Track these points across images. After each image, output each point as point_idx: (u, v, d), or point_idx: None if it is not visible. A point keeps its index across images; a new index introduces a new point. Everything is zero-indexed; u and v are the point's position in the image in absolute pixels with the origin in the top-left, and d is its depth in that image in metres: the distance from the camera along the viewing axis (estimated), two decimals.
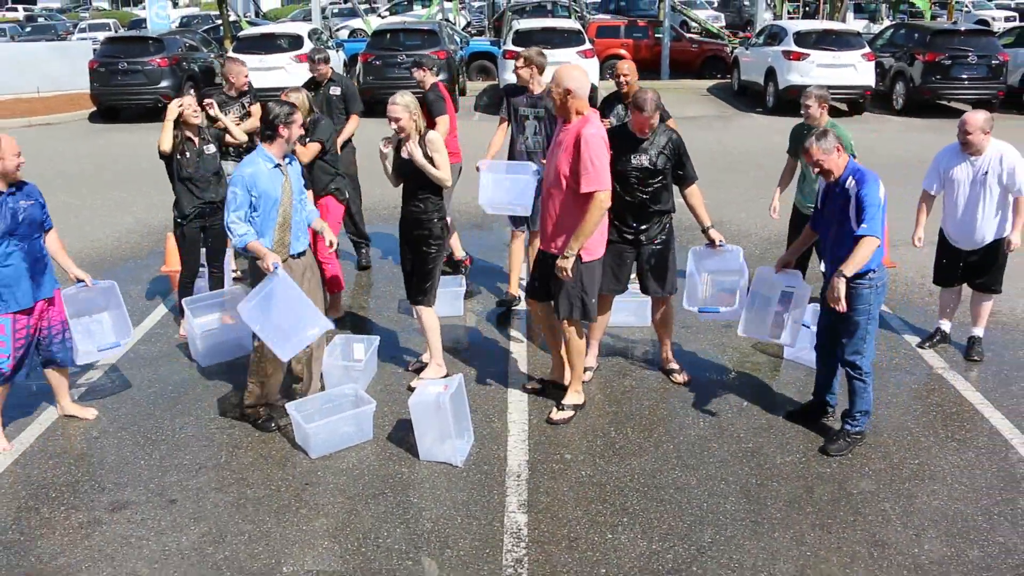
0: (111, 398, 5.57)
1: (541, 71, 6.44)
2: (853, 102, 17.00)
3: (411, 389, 5.41)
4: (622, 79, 6.41)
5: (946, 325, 6.27)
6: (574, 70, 4.87)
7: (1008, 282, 5.85)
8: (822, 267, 5.62)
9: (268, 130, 4.90)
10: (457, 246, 7.52)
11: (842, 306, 4.58)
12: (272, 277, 4.71)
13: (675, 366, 5.81)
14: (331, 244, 5.47)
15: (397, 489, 4.55)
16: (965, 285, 6.11)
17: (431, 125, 6.40)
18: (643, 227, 5.40)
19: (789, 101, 16.64)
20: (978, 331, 6.11)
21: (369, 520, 4.30)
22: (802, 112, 6.26)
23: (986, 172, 5.64)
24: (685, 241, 7.32)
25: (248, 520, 4.31)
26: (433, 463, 4.77)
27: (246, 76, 6.94)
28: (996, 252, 5.85)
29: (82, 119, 17.61)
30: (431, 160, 5.24)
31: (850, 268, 4.55)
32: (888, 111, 17.14)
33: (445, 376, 5.54)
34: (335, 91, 7.56)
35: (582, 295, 5.01)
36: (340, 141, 7.29)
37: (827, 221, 4.87)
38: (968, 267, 5.97)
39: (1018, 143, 5.51)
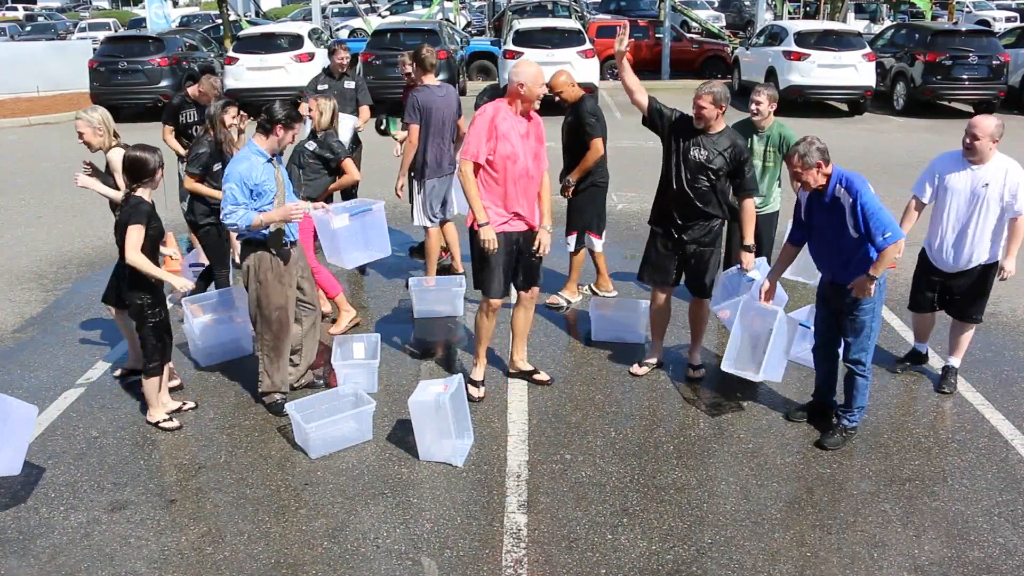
0: (110, 398, 5.57)
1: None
2: (854, 102, 17.03)
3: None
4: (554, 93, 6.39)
5: (923, 347, 5.91)
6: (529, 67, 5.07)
7: (1009, 282, 5.80)
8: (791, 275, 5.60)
9: (268, 123, 4.93)
10: None
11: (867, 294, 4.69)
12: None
13: (695, 363, 5.77)
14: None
15: (397, 489, 4.55)
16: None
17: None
18: (688, 225, 5.27)
19: (790, 101, 16.70)
20: (955, 361, 5.62)
21: (369, 520, 4.30)
22: (753, 110, 6.09)
23: (987, 184, 5.12)
24: None
25: (248, 520, 4.31)
26: (433, 463, 4.77)
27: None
28: (984, 279, 5.39)
29: None
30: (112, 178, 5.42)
31: (879, 270, 4.59)
32: (889, 111, 17.15)
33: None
34: (349, 84, 8.40)
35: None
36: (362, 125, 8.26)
37: (816, 231, 4.86)
38: (948, 292, 5.49)
39: (1018, 143, 5.48)
